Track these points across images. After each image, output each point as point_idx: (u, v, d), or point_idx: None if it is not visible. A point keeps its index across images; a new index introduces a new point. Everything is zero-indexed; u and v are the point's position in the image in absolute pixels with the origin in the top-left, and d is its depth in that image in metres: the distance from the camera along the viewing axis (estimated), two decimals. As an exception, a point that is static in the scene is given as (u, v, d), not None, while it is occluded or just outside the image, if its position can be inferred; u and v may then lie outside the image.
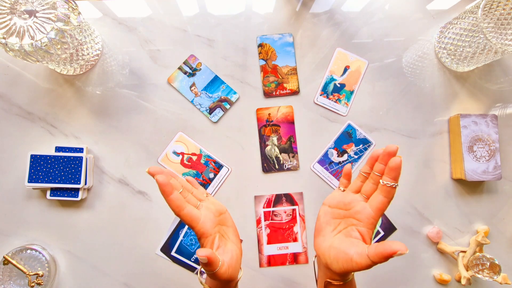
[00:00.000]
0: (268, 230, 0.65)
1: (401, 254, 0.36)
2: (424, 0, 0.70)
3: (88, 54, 0.62)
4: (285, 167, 0.66)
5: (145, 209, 0.64)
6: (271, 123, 0.67)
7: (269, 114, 0.67)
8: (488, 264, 0.60)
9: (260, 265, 0.65)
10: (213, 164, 0.65)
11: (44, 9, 0.51)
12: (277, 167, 0.66)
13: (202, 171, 0.65)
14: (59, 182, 0.60)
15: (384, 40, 0.69)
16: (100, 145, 0.65)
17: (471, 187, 0.67)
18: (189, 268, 0.64)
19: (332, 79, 0.68)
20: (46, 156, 0.61)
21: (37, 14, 0.51)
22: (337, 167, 0.66)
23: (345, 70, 0.68)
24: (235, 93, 0.67)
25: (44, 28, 0.50)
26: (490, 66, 0.69)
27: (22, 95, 0.65)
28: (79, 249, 0.63)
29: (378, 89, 0.68)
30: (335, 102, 0.67)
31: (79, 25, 0.54)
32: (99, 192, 0.64)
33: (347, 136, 0.67)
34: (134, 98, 0.66)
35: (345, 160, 0.66)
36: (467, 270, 0.61)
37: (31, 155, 0.60)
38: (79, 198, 0.61)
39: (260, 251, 0.65)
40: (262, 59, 0.67)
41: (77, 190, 0.61)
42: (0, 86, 0.65)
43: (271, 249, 0.65)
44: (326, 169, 0.66)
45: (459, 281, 0.64)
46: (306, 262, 0.65)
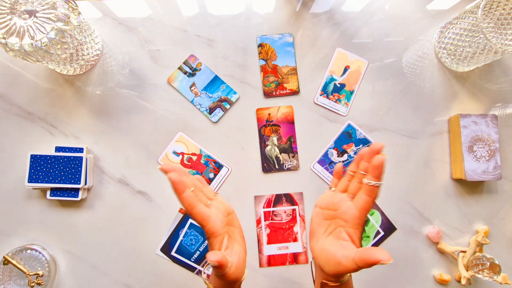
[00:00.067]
0: (268, 230, 0.65)
1: (384, 263, 0.36)
2: (424, 0, 0.70)
3: (88, 54, 0.62)
4: (285, 167, 0.66)
5: (145, 209, 0.64)
6: (271, 123, 0.67)
7: (269, 114, 0.67)
8: (488, 264, 0.60)
9: (260, 265, 0.65)
10: (213, 164, 0.65)
11: (44, 9, 0.51)
12: (277, 167, 0.66)
13: (202, 171, 0.65)
14: (59, 182, 0.60)
15: (384, 40, 0.69)
16: (100, 145, 0.65)
17: (471, 187, 0.67)
18: (189, 268, 0.64)
19: (332, 79, 0.68)
20: (46, 156, 0.61)
21: (37, 14, 0.51)
22: (337, 167, 0.66)
23: (345, 70, 0.68)
24: (235, 93, 0.67)
25: (44, 28, 0.50)
26: (490, 66, 0.69)
27: (22, 95, 0.65)
28: (79, 249, 0.63)
29: (378, 89, 0.68)
30: (335, 102, 0.67)
31: (79, 25, 0.54)
32: (99, 192, 0.64)
33: (347, 136, 0.67)
34: (134, 98, 0.66)
35: (345, 160, 0.66)
36: (467, 270, 0.61)
37: (31, 155, 0.60)
38: (79, 198, 0.61)
39: (260, 251, 0.65)
40: (262, 59, 0.67)
41: (77, 190, 0.61)
42: (0, 86, 0.65)
43: (271, 249, 0.65)
44: (326, 169, 0.66)
45: (459, 281, 0.64)
46: (306, 262, 0.65)
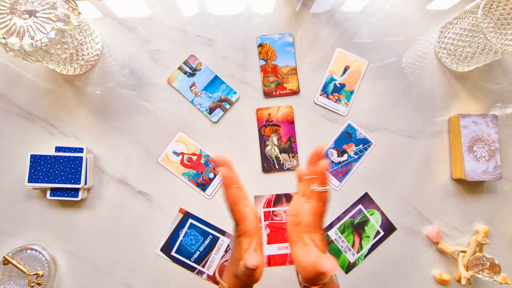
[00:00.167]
0: (268, 230, 0.65)
1: (329, 273, 0.36)
2: (424, 0, 0.70)
3: (88, 54, 0.62)
4: (285, 167, 0.66)
5: (145, 209, 0.64)
6: (271, 123, 0.67)
7: (269, 114, 0.67)
8: (488, 264, 0.60)
9: (260, 265, 0.65)
10: (213, 164, 0.65)
11: (44, 9, 0.51)
12: (277, 167, 0.66)
13: (202, 171, 0.65)
14: (59, 182, 0.60)
15: (384, 40, 0.69)
16: (100, 145, 0.65)
17: (471, 187, 0.67)
18: (189, 268, 0.64)
19: (332, 79, 0.68)
20: (46, 156, 0.61)
21: (37, 14, 0.51)
22: (337, 167, 0.66)
23: (345, 70, 0.68)
24: (235, 93, 0.67)
25: (44, 28, 0.50)
26: (490, 66, 0.69)
27: (22, 95, 0.65)
28: (79, 249, 0.63)
29: (378, 89, 0.68)
30: (335, 102, 0.67)
31: (79, 25, 0.54)
32: (99, 192, 0.64)
33: (347, 136, 0.67)
34: (134, 98, 0.66)
35: (345, 160, 0.66)
36: (467, 270, 0.61)
37: (31, 155, 0.60)
38: (79, 198, 0.61)
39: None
40: (262, 59, 0.67)
41: (77, 190, 0.61)
42: (0, 86, 0.65)
43: (271, 249, 0.65)
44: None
45: (459, 281, 0.64)
46: (306, 262, 0.65)
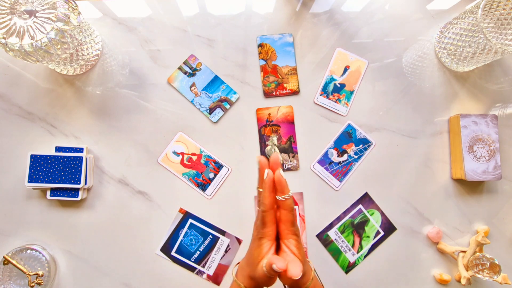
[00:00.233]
0: (268, 230, 0.65)
1: (277, 270, 0.39)
2: (424, 0, 0.70)
3: (88, 54, 0.62)
4: (285, 167, 0.66)
5: (145, 209, 0.64)
6: (271, 123, 0.67)
7: (269, 114, 0.67)
8: (488, 264, 0.60)
9: (260, 265, 0.64)
10: (213, 164, 0.65)
11: (44, 9, 0.51)
12: (277, 167, 0.66)
13: (202, 171, 0.65)
14: (59, 182, 0.60)
15: (384, 40, 0.69)
16: (100, 145, 0.65)
17: (471, 187, 0.67)
18: (189, 268, 0.64)
19: (332, 79, 0.68)
20: (46, 156, 0.61)
21: (37, 14, 0.51)
22: (337, 167, 0.66)
23: (345, 70, 0.68)
24: (235, 93, 0.67)
25: (44, 28, 0.50)
26: (490, 66, 0.69)
27: (22, 95, 0.65)
28: (79, 249, 0.63)
29: (378, 89, 0.68)
30: (335, 102, 0.67)
31: (79, 25, 0.54)
32: (99, 192, 0.64)
33: (347, 136, 0.67)
34: (134, 98, 0.66)
35: (345, 160, 0.66)
36: (467, 270, 0.61)
37: (31, 155, 0.60)
38: (79, 198, 0.61)
39: (260, 251, 0.65)
40: (262, 59, 0.67)
41: (77, 190, 0.61)
42: (0, 86, 0.65)
43: (271, 249, 0.65)
44: (326, 169, 0.66)
45: (459, 281, 0.64)
46: (306, 262, 0.65)
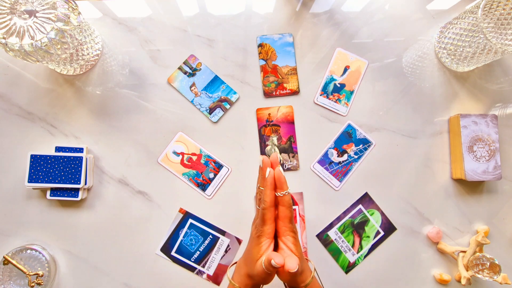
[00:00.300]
0: (268, 230, 0.65)
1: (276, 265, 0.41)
2: (424, 0, 0.70)
3: (88, 54, 0.62)
4: (285, 167, 0.66)
5: (145, 209, 0.64)
6: (271, 123, 0.67)
7: (269, 114, 0.67)
8: (488, 264, 0.60)
9: (260, 265, 0.64)
10: (213, 164, 0.65)
11: (44, 9, 0.51)
12: (277, 167, 0.66)
13: (202, 171, 0.65)
14: (59, 182, 0.60)
15: (384, 40, 0.69)
16: (100, 145, 0.65)
17: (471, 187, 0.67)
18: (189, 268, 0.64)
19: (332, 79, 0.68)
20: (46, 156, 0.61)
21: (37, 14, 0.51)
22: (337, 167, 0.66)
23: (345, 70, 0.68)
24: (235, 93, 0.67)
25: (44, 28, 0.50)
26: (490, 66, 0.69)
27: (22, 95, 0.65)
28: (79, 249, 0.63)
29: (378, 89, 0.68)
30: (335, 102, 0.67)
31: (79, 25, 0.54)
32: (99, 192, 0.64)
33: (347, 136, 0.67)
34: (134, 98, 0.66)
35: (345, 160, 0.66)
36: (467, 270, 0.61)
37: (31, 155, 0.60)
38: (79, 198, 0.61)
39: (260, 251, 0.65)
40: (262, 59, 0.67)
41: (77, 190, 0.61)
42: (0, 86, 0.65)
43: (271, 249, 0.65)
44: (326, 169, 0.66)
45: (459, 281, 0.64)
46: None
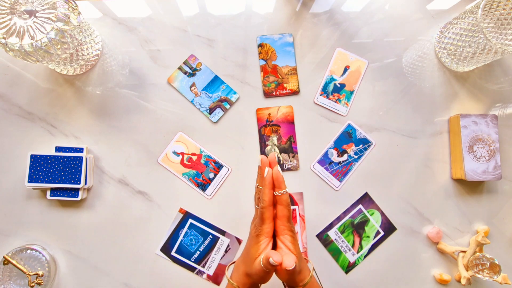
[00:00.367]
0: (268, 230, 0.65)
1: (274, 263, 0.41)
2: (424, 0, 0.70)
3: (88, 54, 0.62)
4: (285, 167, 0.66)
5: (145, 209, 0.64)
6: (271, 123, 0.67)
7: (269, 114, 0.67)
8: (488, 264, 0.60)
9: (260, 265, 0.64)
10: (213, 164, 0.65)
11: (44, 9, 0.51)
12: (277, 167, 0.66)
13: (202, 171, 0.65)
14: (59, 182, 0.60)
15: (384, 40, 0.69)
16: (100, 145, 0.65)
17: (471, 187, 0.67)
18: (189, 268, 0.64)
19: (332, 79, 0.68)
20: (46, 156, 0.61)
21: (37, 14, 0.51)
22: (337, 167, 0.66)
23: (345, 70, 0.68)
24: (235, 93, 0.67)
25: (44, 28, 0.50)
26: (490, 66, 0.69)
27: (22, 95, 0.65)
28: (79, 249, 0.63)
29: (378, 89, 0.68)
30: (335, 102, 0.67)
31: (79, 25, 0.54)
32: (99, 192, 0.64)
33: (347, 136, 0.67)
34: (134, 98, 0.66)
35: (345, 160, 0.66)
36: (467, 270, 0.61)
37: (31, 155, 0.60)
38: (79, 198, 0.61)
39: (260, 251, 0.65)
40: (262, 59, 0.67)
41: (77, 190, 0.61)
42: (0, 86, 0.65)
43: (271, 249, 0.65)
44: (326, 169, 0.66)
45: (459, 281, 0.64)
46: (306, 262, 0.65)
